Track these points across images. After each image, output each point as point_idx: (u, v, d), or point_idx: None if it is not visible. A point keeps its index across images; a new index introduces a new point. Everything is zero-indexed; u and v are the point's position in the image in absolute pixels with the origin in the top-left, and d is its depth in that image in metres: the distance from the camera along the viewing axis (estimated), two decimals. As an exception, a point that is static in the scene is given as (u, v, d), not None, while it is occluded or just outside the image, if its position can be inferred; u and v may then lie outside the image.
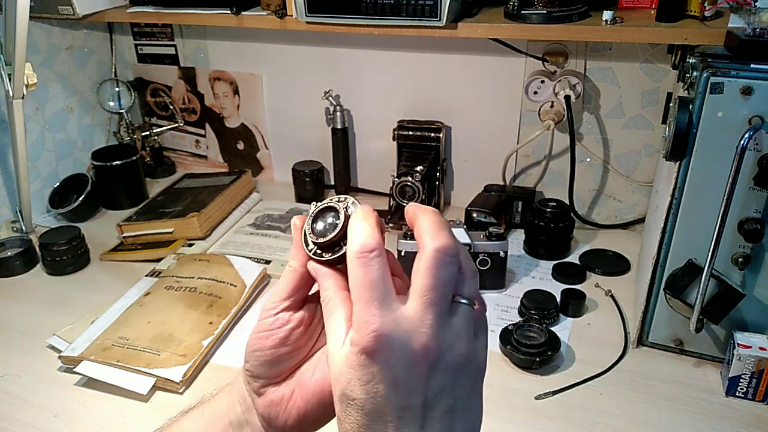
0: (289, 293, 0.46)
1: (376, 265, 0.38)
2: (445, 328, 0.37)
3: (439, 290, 0.37)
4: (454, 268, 0.38)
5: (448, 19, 1.02)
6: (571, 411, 0.82)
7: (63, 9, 1.26)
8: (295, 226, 0.45)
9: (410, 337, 0.37)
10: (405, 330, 0.37)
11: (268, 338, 0.45)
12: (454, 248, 0.38)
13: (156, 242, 1.22)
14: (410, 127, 1.29)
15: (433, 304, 0.37)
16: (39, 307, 1.07)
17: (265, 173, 1.55)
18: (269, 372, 0.46)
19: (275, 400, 0.47)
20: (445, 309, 0.38)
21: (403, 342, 0.36)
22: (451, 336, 0.38)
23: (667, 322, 0.89)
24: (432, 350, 0.37)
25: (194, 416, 0.51)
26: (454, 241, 0.38)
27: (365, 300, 0.37)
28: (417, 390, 0.37)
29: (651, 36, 0.97)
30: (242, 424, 0.49)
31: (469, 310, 0.39)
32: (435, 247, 0.37)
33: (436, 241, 0.38)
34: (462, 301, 0.39)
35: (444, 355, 0.37)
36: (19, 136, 1.17)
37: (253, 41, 1.39)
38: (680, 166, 0.80)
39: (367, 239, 0.39)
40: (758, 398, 0.81)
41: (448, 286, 0.38)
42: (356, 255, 0.38)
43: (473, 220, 1.17)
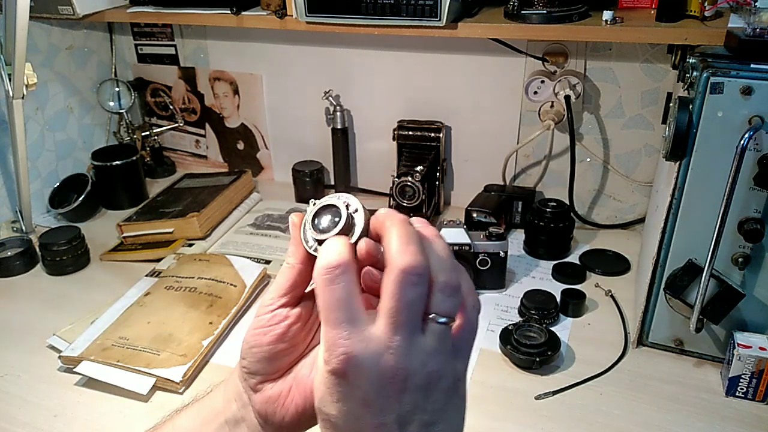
0: (286, 290, 0.45)
1: (341, 283, 0.37)
2: (414, 348, 0.37)
3: (405, 312, 0.36)
4: (420, 288, 0.37)
5: (448, 19, 1.02)
6: (571, 411, 0.82)
7: (63, 9, 1.26)
8: (293, 223, 0.45)
9: (379, 358, 0.36)
10: (373, 351, 0.36)
11: (266, 334, 0.45)
12: (420, 267, 0.37)
13: (156, 242, 1.22)
14: (410, 127, 1.29)
15: (400, 326, 0.36)
16: (39, 307, 1.07)
17: (265, 173, 1.55)
18: (266, 368, 0.46)
19: (272, 396, 0.46)
20: (414, 328, 0.37)
21: (372, 363, 0.36)
22: (421, 355, 0.37)
23: (667, 322, 0.89)
24: (401, 371, 0.36)
25: (189, 414, 0.51)
26: (420, 259, 0.37)
27: (332, 321, 0.37)
28: (389, 408, 0.37)
29: (651, 36, 0.97)
30: (238, 421, 0.48)
31: (441, 329, 0.38)
32: (401, 267, 0.36)
33: (402, 259, 0.36)
34: (436, 320, 0.37)
35: (415, 373, 0.37)
36: (19, 136, 1.17)
37: (253, 41, 1.39)
38: (680, 166, 0.80)
39: (332, 256, 0.38)
40: (758, 398, 0.81)
41: (415, 306, 0.37)
42: (321, 273, 0.38)
43: (473, 220, 1.17)
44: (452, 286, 0.38)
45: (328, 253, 0.39)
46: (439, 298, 0.38)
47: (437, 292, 0.38)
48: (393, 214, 0.39)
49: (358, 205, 0.42)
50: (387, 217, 0.39)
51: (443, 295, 0.38)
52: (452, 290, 0.38)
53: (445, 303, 0.38)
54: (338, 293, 0.37)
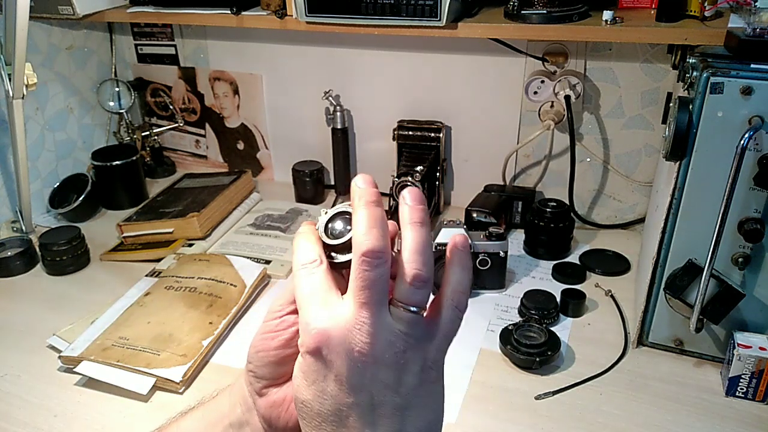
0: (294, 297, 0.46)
1: (316, 273, 0.40)
2: (381, 326, 0.38)
3: (368, 290, 0.38)
4: (379, 270, 0.38)
5: (448, 19, 1.02)
6: (571, 411, 0.82)
7: (63, 9, 1.26)
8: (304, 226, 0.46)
9: (347, 333, 0.38)
10: (342, 327, 0.38)
11: (273, 339, 0.46)
12: (378, 250, 0.38)
13: (156, 242, 1.22)
14: (410, 127, 1.29)
15: (365, 303, 0.38)
16: (39, 307, 1.07)
17: (265, 173, 1.55)
18: (272, 373, 0.47)
19: (277, 401, 0.47)
20: (380, 307, 0.38)
21: (342, 338, 0.38)
22: (388, 334, 0.38)
23: (667, 322, 0.89)
24: (369, 346, 0.37)
25: (194, 417, 0.51)
26: (381, 243, 0.38)
27: (306, 305, 0.39)
28: (361, 387, 0.38)
29: (651, 36, 0.97)
30: (242, 424, 0.49)
31: (409, 316, 0.39)
32: (361, 249, 0.38)
33: (364, 241, 0.38)
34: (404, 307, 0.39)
35: (383, 352, 0.38)
36: (19, 136, 1.17)
37: (253, 41, 1.39)
38: (680, 166, 0.80)
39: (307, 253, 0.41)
40: (758, 398, 0.81)
41: (377, 286, 0.38)
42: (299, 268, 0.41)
43: (473, 220, 1.17)
44: (420, 279, 0.39)
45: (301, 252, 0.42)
46: (404, 288, 0.39)
47: (405, 283, 0.39)
48: (365, 193, 0.40)
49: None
50: (358, 196, 0.40)
51: (410, 287, 0.39)
52: (420, 283, 0.39)
53: (414, 294, 0.39)
54: (311, 281, 0.40)
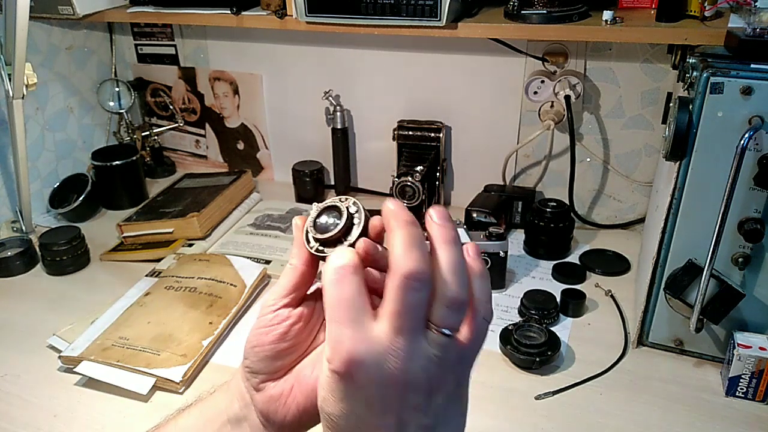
0: (289, 290, 0.46)
1: (350, 283, 0.38)
2: (416, 353, 0.37)
3: (406, 316, 0.36)
4: (421, 294, 0.37)
5: (448, 19, 1.02)
6: (571, 411, 0.82)
7: (63, 9, 1.26)
8: (296, 225, 0.45)
9: (381, 359, 0.36)
10: (376, 352, 0.36)
11: (268, 334, 0.46)
12: (422, 273, 0.36)
13: (156, 242, 1.22)
14: (410, 127, 1.29)
15: (401, 329, 0.36)
16: (39, 307, 1.07)
17: (265, 173, 1.55)
18: (269, 368, 0.47)
19: (274, 395, 0.47)
20: (416, 333, 0.37)
21: (375, 364, 0.36)
22: (423, 360, 0.37)
23: (667, 322, 0.89)
24: (404, 373, 0.36)
25: (192, 413, 0.51)
26: (423, 266, 0.37)
27: (338, 319, 0.37)
28: (390, 410, 0.37)
29: (651, 36, 0.97)
30: (240, 420, 0.49)
31: (443, 340, 0.38)
32: (403, 272, 0.36)
33: (404, 263, 0.36)
34: (439, 330, 0.37)
35: (417, 378, 0.37)
36: (19, 136, 1.17)
37: (253, 41, 1.39)
38: (680, 166, 0.80)
39: (342, 257, 0.38)
40: (758, 398, 0.81)
41: (416, 311, 0.37)
42: (330, 272, 0.38)
43: (473, 220, 1.17)
44: (458, 303, 0.38)
45: (337, 254, 0.39)
46: (443, 312, 0.38)
47: (441, 306, 0.37)
48: (399, 213, 0.38)
49: (359, 207, 0.43)
50: (393, 217, 0.38)
51: (448, 310, 0.38)
52: (458, 305, 0.38)
53: (449, 317, 0.38)
54: (345, 292, 0.37)
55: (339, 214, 0.43)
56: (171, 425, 0.51)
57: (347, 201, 0.44)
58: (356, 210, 0.43)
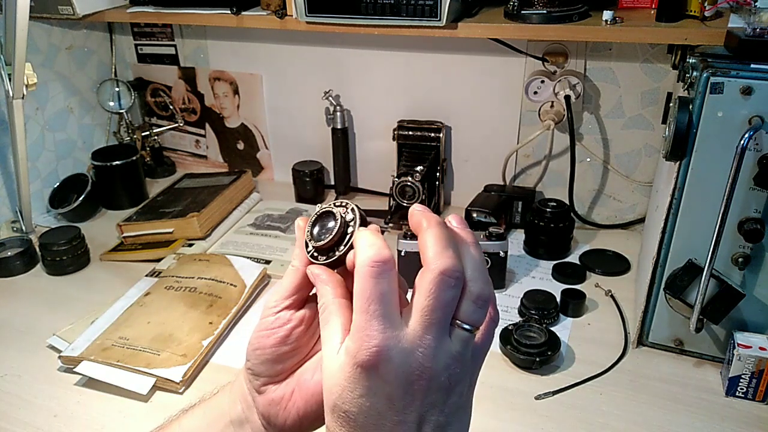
0: (290, 292, 0.46)
1: (387, 278, 0.38)
2: (442, 350, 0.37)
3: (439, 311, 0.37)
4: (456, 291, 0.38)
5: (448, 19, 1.02)
6: (571, 411, 0.82)
7: (63, 9, 1.26)
8: (298, 226, 0.46)
9: (409, 355, 0.37)
10: (404, 348, 0.37)
11: (269, 337, 0.46)
12: (458, 270, 0.37)
13: (156, 242, 1.22)
14: (410, 127, 1.29)
15: (432, 325, 0.37)
16: (39, 307, 1.07)
17: (265, 173, 1.55)
18: (270, 370, 0.47)
19: (275, 399, 0.47)
20: (444, 330, 0.38)
21: (402, 360, 0.37)
22: (447, 358, 0.38)
23: (667, 322, 0.89)
24: (428, 370, 0.37)
25: (195, 414, 0.51)
26: (458, 263, 0.38)
27: (370, 313, 0.37)
28: (411, 407, 0.37)
29: (651, 36, 0.97)
30: (242, 422, 0.49)
31: (466, 336, 0.38)
32: (440, 268, 0.37)
33: (440, 261, 0.37)
34: (462, 326, 0.38)
35: (439, 375, 0.37)
36: (19, 136, 1.17)
37: (253, 41, 1.39)
38: (680, 166, 0.80)
39: (381, 251, 0.38)
40: (758, 398, 0.81)
41: (448, 308, 0.38)
42: (368, 265, 0.38)
43: (473, 220, 1.17)
44: (484, 298, 0.39)
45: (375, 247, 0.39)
46: (470, 308, 0.38)
47: (470, 301, 0.38)
48: (429, 214, 0.40)
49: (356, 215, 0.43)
50: (424, 217, 0.39)
51: (475, 306, 0.38)
52: (483, 302, 0.39)
53: (475, 313, 0.39)
54: (382, 287, 0.37)
55: (334, 221, 0.43)
56: (175, 426, 0.51)
57: (346, 207, 0.44)
58: (352, 218, 0.43)
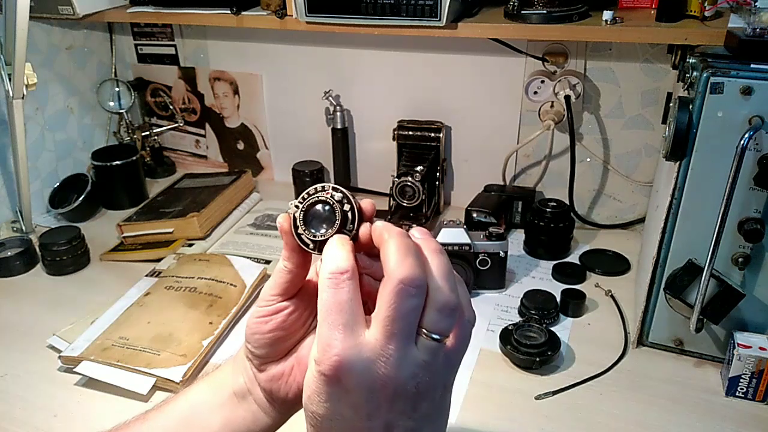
0: (284, 290, 0.47)
1: (345, 288, 0.38)
2: (407, 359, 0.37)
3: (400, 322, 0.37)
4: (417, 300, 0.37)
5: (448, 19, 1.02)
6: (571, 411, 0.82)
7: (63, 9, 1.26)
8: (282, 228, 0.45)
9: (370, 365, 0.36)
10: (366, 358, 0.36)
11: (266, 323, 0.47)
12: (418, 279, 0.37)
13: (156, 242, 1.22)
14: (410, 127, 1.29)
15: (393, 335, 0.37)
16: (39, 307, 1.07)
17: (265, 173, 1.55)
18: (269, 353, 0.48)
19: (276, 375, 0.48)
20: (408, 339, 0.37)
21: (364, 369, 0.36)
22: (412, 367, 0.37)
23: (667, 322, 0.89)
24: (392, 379, 0.37)
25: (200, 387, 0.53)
26: (419, 272, 0.37)
27: (330, 323, 0.37)
28: (377, 414, 0.37)
29: (651, 36, 0.97)
30: (245, 394, 0.50)
31: (434, 345, 0.38)
32: (399, 277, 0.37)
33: (400, 270, 0.37)
34: (429, 335, 0.38)
35: (405, 384, 0.37)
36: (19, 136, 1.17)
37: (253, 41, 1.39)
38: (680, 166, 0.80)
39: (339, 262, 0.39)
40: (758, 398, 0.81)
41: (410, 317, 0.37)
42: (326, 275, 0.38)
43: (473, 220, 1.17)
44: (451, 307, 0.38)
45: (334, 258, 0.39)
46: (435, 317, 0.38)
47: (434, 311, 0.38)
48: (390, 226, 0.40)
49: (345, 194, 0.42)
50: (385, 229, 0.40)
51: (440, 315, 0.38)
52: (450, 311, 0.38)
53: (441, 322, 0.38)
54: (339, 296, 0.38)
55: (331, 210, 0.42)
56: (181, 398, 0.52)
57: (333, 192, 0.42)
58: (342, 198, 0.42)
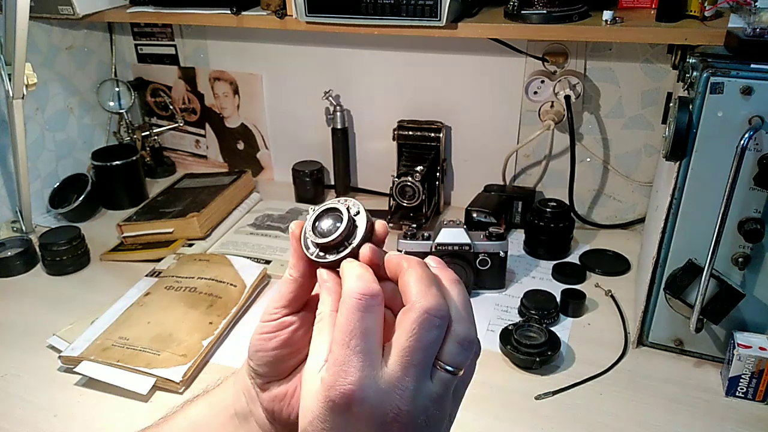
0: (289, 301, 0.46)
1: (375, 314, 0.37)
2: (421, 393, 0.36)
3: (420, 353, 0.36)
4: (440, 331, 0.36)
5: (448, 19, 1.02)
6: (571, 411, 0.82)
7: (63, 9, 1.26)
8: (293, 234, 0.44)
9: (385, 397, 0.35)
10: (381, 389, 0.35)
11: (270, 340, 0.46)
12: (443, 310, 0.36)
13: (156, 242, 1.22)
14: (410, 127, 1.29)
15: (412, 366, 0.36)
16: (39, 307, 1.07)
17: (265, 173, 1.55)
18: (272, 371, 0.47)
19: (279, 395, 0.47)
20: (425, 372, 0.36)
21: (377, 401, 0.35)
22: (426, 400, 0.36)
23: (667, 322, 0.89)
24: (405, 413, 0.36)
25: (200, 405, 0.52)
26: (443, 302, 0.37)
27: (351, 347, 0.36)
28: None
29: (651, 36, 0.98)
30: (247, 415, 0.49)
31: (448, 378, 0.37)
32: (425, 307, 0.36)
33: (425, 300, 0.36)
34: (445, 368, 0.37)
35: (416, 417, 0.36)
36: (19, 136, 1.17)
37: (253, 41, 1.39)
38: (680, 166, 0.80)
39: (371, 284, 0.37)
40: (758, 398, 0.81)
41: (431, 349, 0.36)
42: (356, 297, 0.37)
43: (473, 220, 1.17)
44: (470, 339, 0.38)
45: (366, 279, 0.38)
46: (455, 350, 0.37)
47: (455, 342, 0.37)
48: (408, 257, 0.39)
49: (360, 208, 0.42)
50: (404, 258, 0.39)
51: (460, 347, 0.37)
52: (469, 343, 0.38)
53: (460, 355, 0.37)
54: (367, 322, 0.36)
55: (339, 216, 0.41)
56: (180, 416, 0.51)
57: (347, 202, 0.42)
58: (357, 211, 0.41)
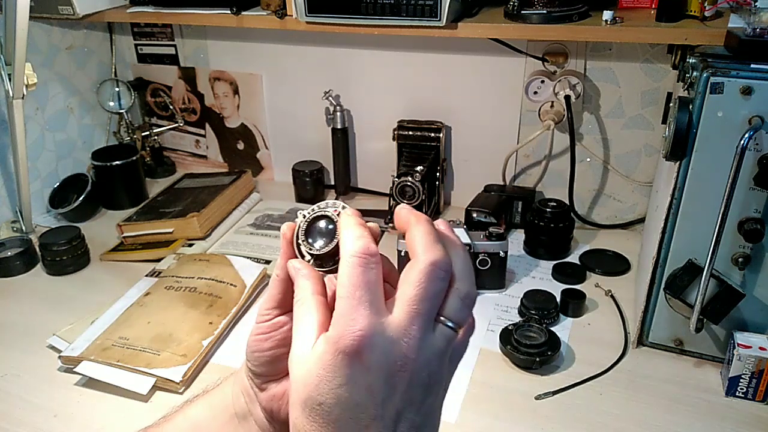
0: (278, 302, 0.46)
1: (375, 269, 0.38)
2: (426, 343, 0.37)
3: (426, 302, 0.37)
4: (444, 284, 0.37)
5: (448, 19, 1.02)
6: (571, 411, 0.82)
7: (63, 9, 1.26)
8: (284, 236, 0.45)
9: (393, 344, 0.36)
10: (389, 336, 0.36)
11: (266, 340, 0.46)
12: (448, 264, 0.38)
13: (156, 242, 1.22)
14: (410, 127, 1.29)
15: (419, 315, 0.36)
16: (39, 307, 1.07)
17: (265, 173, 1.55)
18: (269, 371, 0.47)
19: (277, 394, 0.47)
20: (429, 322, 0.37)
21: (386, 348, 0.36)
22: (429, 353, 0.37)
23: (667, 322, 0.89)
24: (411, 362, 0.36)
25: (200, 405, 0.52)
26: (447, 257, 0.38)
27: (356, 298, 0.36)
28: (390, 400, 0.36)
29: (651, 36, 0.97)
30: (246, 415, 0.49)
31: (450, 333, 0.38)
32: (430, 260, 0.37)
33: (430, 253, 0.37)
34: (446, 323, 0.38)
35: (421, 369, 0.37)
36: (19, 136, 1.17)
37: (253, 41, 1.39)
38: (680, 166, 0.80)
39: (370, 244, 0.38)
40: (758, 398, 0.81)
41: (435, 300, 0.37)
42: (356, 255, 0.38)
43: (473, 220, 1.17)
44: (471, 297, 0.39)
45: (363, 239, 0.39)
46: (457, 305, 0.38)
47: (457, 297, 0.38)
48: (417, 212, 0.40)
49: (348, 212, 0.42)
50: (412, 214, 0.40)
51: (462, 304, 0.38)
52: (471, 301, 0.39)
53: (461, 311, 0.38)
54: (369, 276, 0.37)
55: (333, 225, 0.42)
56: (179, 417, 0.51)
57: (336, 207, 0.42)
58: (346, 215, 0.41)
